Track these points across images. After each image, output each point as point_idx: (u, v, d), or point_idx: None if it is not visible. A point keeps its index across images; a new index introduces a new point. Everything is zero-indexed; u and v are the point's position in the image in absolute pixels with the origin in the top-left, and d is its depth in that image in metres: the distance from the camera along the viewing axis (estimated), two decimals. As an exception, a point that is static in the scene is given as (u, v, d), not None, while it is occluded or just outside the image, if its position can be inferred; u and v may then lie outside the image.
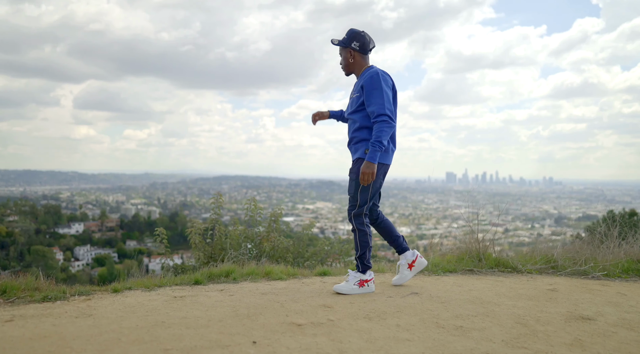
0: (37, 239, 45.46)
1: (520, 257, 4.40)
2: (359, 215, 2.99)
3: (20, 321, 2.11)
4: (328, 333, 2.16)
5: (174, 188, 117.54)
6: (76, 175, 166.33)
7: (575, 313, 2.70)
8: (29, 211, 53.91)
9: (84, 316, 2.22)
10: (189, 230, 5.50)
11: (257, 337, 2.04)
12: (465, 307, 2.72)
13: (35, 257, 38.67)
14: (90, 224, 57.65)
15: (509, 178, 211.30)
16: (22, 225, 47.39)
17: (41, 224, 50.74)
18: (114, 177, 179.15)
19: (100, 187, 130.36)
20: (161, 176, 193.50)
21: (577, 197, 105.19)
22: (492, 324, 2.42)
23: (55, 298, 2.57)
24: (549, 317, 2.58)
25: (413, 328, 2.31)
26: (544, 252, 4.44)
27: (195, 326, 2.13)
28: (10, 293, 2.59)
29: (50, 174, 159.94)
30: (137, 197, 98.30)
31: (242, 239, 5.63)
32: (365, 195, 2.95)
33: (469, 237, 4.35)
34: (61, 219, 56.73)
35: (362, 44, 2.98)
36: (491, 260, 4.16)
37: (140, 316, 2.25)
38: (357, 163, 2.98)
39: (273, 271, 3.61)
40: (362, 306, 2.67)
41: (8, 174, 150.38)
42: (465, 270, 3.97)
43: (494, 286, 3.35)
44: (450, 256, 4.32)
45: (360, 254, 3.00)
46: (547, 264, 4.17)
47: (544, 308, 2.78)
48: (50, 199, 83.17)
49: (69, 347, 1.75)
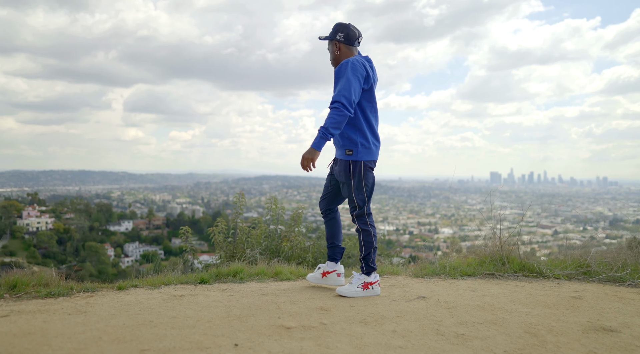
0: (91, 236, 48.05)
1: (550, 262, 4.12)
2: (361, 215, 2.90)
3: (15, 316, 2.17)
4: (317, 337, 2.08)
5: (216, 188, 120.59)
6: (126, 175, 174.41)
7: (597, 323, 2.48)
8: (84, 209, 57.04)
9: (77, 313, 2.26)
10: (210, 229, 5.57)
11: (240, 339, 1.99)
12: (472, 313, 2.56)
13: (89, 252, 40.86)
14: (139, 222, 60.13)
15: (558, 178, 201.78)
16: (78, 222, 50.23)
17: (94, 222, 53.51)
18: (161, 177, 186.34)
19: (148, 187, 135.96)
20: (205, 176, 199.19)
21: (636, 198, 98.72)
22: (497, 332, 2.26)
23: (58, 294, 2.63)
24: (564, 327, 2.38)
25: (409, 335, 2.18)
26: (577, 256, 4.14)
27: (181, 327, 2.11)
28: (20, 288, 2.68)
29: (102, 174, 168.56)
30: (182, 197, 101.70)
31: (263, 238, 5.64)
32: (361, 196, 2.87)
33: (492, 240, 4.13)
34: (112, 217, 59.58)
35: (346, 34, 2.91)
36: (515, 264, 3.93)
37: (131, 315, 2.26)
38: (339, 164, 2.91)
39: (282, 272, 3.56)
40: (362, 309, 2.57)
41: (65, 174, 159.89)
42: (486, 274, 3.76)
43: (511, 292, 3.15)
44: (472, 259, 4.11)
45: (365, 255, 2.89)
46: (579, 269, 3.88)
47: (561, 316, 2.57)
48: (103, 198, 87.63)
49: (48, 344, 1.77)
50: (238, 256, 5.18)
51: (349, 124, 2.83)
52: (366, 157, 2.85)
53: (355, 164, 2.83)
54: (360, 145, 2.82)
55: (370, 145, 2.85)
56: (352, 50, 2.95)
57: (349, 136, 2.83)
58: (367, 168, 2.86)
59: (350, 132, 2.83)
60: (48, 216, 50.54)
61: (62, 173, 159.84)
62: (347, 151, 2.84)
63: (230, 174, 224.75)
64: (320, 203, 3.13)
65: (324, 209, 3.11)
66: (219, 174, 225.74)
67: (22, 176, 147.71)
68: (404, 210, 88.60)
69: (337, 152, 2.96)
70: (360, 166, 2.83)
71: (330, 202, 3.10)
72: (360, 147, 2.82)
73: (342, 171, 2.87)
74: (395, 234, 62.98)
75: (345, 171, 2.85)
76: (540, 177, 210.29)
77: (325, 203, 3.10)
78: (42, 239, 44.75)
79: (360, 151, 2.83)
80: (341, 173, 2.88)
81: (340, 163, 2.89)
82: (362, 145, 2.83)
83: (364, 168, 2.84)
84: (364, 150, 2.83)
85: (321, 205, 3.13)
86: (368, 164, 2.86)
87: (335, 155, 2.99)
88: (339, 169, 2.90)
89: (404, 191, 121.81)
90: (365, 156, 2.84)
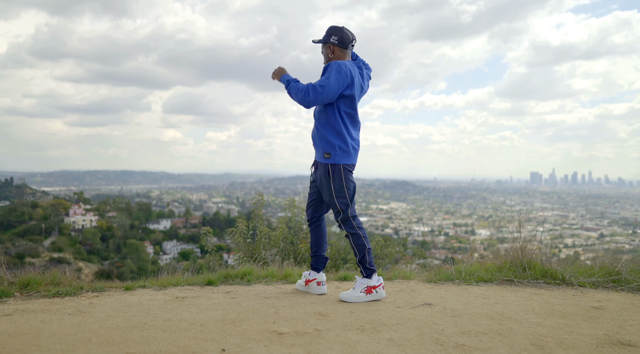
0: (131, 234, 49.90)
1: (575, 268, 3.90)
2: (346, 220, 2.87)
3: (17, 316, 2.23)
4: (308, 344, 2.03)
5: (251, 187, 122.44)
6: (164, 175, 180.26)
7: (615, 336, 2.30)
8: (125, 207, 59.31)
9: (77, 314, 2.31)
10: (230, 230, 5.62)
11: (229, 344, 1.97)
12: (478, 322, 2.44)
13: (129, 250, 42.47)
14: (176, 220, 61.88)
15: (604, 178, 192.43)
16: (119, 220, 52.31)
17: (134, 220, 55.53)
18: (197, 177, 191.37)
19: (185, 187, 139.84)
20: (240, 176, 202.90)
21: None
22: (501, 344, 2.14)
23: (65, 294, 2.71)
24: (576, 339, 2.23)
25: (406, 344, 2.10)
26: (608, 263, 3.90)
27: (172, 330, 2.12)
28: (32, 287, 2.78)
29: (142, 174, 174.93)
30: (217, 196, 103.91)
31: (281, 240, 5.64)
32: (343, 200, 2.84)
33: (511, 244, 3.94)
34: (151, 215, 61.63)
35: (340, 37, 2.90)
36: (537, 270, 3.73)
37: (128, 317, 2.29)
38: (319, 168, 2.90)
39: (292, 275, 3.54)
40: (362, 316, 2.50)
41: (108, 174, 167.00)
42: (504, 280, 3.60)
43: (526, 300, 2.99)
44: (490, 264, 3.94)
45: (360, 258, 2.85)
46: (607, 277, 3.65)
47: (576, 328, 2.41)
48: (143, 197, 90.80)
49: (37, 345, 1.81)
50: (255, 257, 5.21)
51: (329, 127, 2.83)
52: (344, 160, 2.83)
53: (334, 167, 2.82)
54: (338, 148, 2.81)
55: (348, 148, 2.84)
56: (345, 54, 2.95)
57: (328, 139, 2.82)
58: (347, 171, 2.85)
59: (329, 136, 2.82)
60: (92, 214, 52.89)
61: (105, 173, 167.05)
62: (325, 154, 2.84)
63: (265, 174, 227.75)
64: (307, 211, 3.13)
65: (310, 217, 3.10)
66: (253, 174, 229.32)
67: (69, 175, 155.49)
68: (440, 211, 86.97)
69: (316, 154, 2.95)
70: (339, 170, 2.82)
71: (315, 210, 3.08)
72: (338, 150, 2.81)
73: (322, 175, 2.86)
74: (430, 235, 61.89)
75: (325, 174, 2.84)
76: (584, 177, 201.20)
77: (311, 211, 3.09)
78: (87, 236, 46.93)
79: (338, 154, 2.82)
80: (322, 178, 2.87)
81: (320, 167, 2.89)
82: (340, 148, 2.81)
83: (344, 171, 2.82)
84: (342, 153, 2.82)
85: (307, 213, 3.13)
86: (347, 168, 2.85)
87: (315, 157, 2.97)
88: (319, 173, 2.89)
89: (439, 192, 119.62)
90: (343, 159, 2.83)
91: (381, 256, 5.75)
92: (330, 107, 2.81)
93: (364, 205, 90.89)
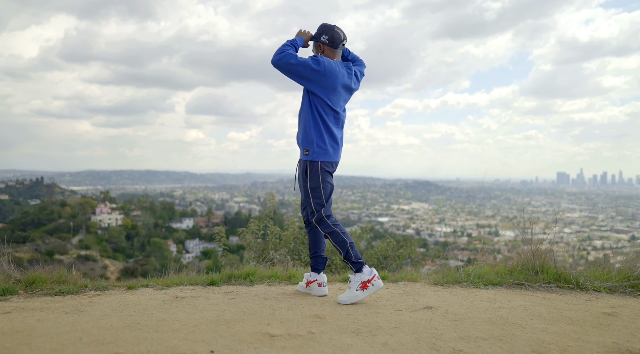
0: (155, 232, 50.89)
1: (591, 272, 3.75)
2: (320, 220, 2.84)
3: (16, 314, 2.27)
4: (299, 347, 2.00)
5: (272, 187, 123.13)
6: (187, 175, 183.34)
7: (625, 345, 2.19)
8: (149, 207, 60.53)
9: (74, 312, 2.33)
10: (240, 230, 5.64)
11: (219, 346, 1.95)
12: (479, 327, 2.36)
13: (153, 248, 43.32)
14: (199, 220, 62.71)
15: (636, 179, 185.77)
16: (144, 219, 53.45)
17: (158, 219, 56.59)
18: (219, 176, 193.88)
19: (208, 186, 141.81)
20: (261, 176, 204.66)
21: None
22: (500, 350, 2.06)
23: (67, 292, 2.74)
24: (582, 348, 2.13)
25: (401, 349, 2.04)
26: (626, 267, 3.73)
27: (164, 330, 2.11)
28: (37, 284, 2.83)
29: (166, 174, 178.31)
30: (239, 196, 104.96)
31: (292, 239, 5.63)
32: (318, 199, 2.82)
33: (524, 246, 3.82)
34: (174, 214, 62.67)
35: (331, 37, 2.89)
36: (550, 273, 3.60)
37: (123, 316, 2.30)
38: (299, 165, 2.89)
39: (296, 275, 3.51)
40: (359, 318, 2.45)
41: (133, 174, 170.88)
42: (514, 284, 3.48)
43: (534, 305, 2.88)
44: (501, 267, 3.83)
45: (345, 254, 2.81)
46: (625, 282, 3.50)
47: (583, 335, 2.31)
48: (166, 197, 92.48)
49: (27, 344, 1.83)
50: (265, 256, 5.21)
51: (310, 124, 2.82)
52: (322, 158, 2.81)
53: (312, 164, 2.81)
54: (316, 145, 2.80)
55: (326, 146, 2.82)
56: (335, 53, 2.94)
57: (308, 136, 2.82)
58: (324, 170, 2.83)
59: (310, 132, 2.82)
60: (118, 212, 54.18)
61: (130, 173, 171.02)
62: (304, 151, 2.84)
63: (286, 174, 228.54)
64: (302, 212, 3.11)
65: (306, 218, 3.07)
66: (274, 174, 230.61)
67: (95, 175, 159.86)
68: (462, 211, 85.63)
69: (300, 153, 2.94)
70: (317, 167, 2.80)
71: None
72: (316, 147, 2.80)
73: (300, 173, 2.87)
74: (453, 236, 61.00)
75: (302, 172, 2.84)
76: (614, 177, 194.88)
77: (307, 212, 3.04)
78: (112, 234, 48.12)
79: (316, 151, 2.80)
80: (300, 176, 2.88)
81: (299, 164, 2.89)
82: (317, 145, 2.80)
83: (322, 171, 2.80)
84: (320, 150, 2.80)
85: (302, 214, 3.11)
86: (325, 167, 2.82)
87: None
88: (298, 171, 2.90)
89: (462, 192, 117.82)
90: (321, 156, 2.81)
91: (393, 257, 5.66)
92: (310, 105, 2.82)
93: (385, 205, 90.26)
